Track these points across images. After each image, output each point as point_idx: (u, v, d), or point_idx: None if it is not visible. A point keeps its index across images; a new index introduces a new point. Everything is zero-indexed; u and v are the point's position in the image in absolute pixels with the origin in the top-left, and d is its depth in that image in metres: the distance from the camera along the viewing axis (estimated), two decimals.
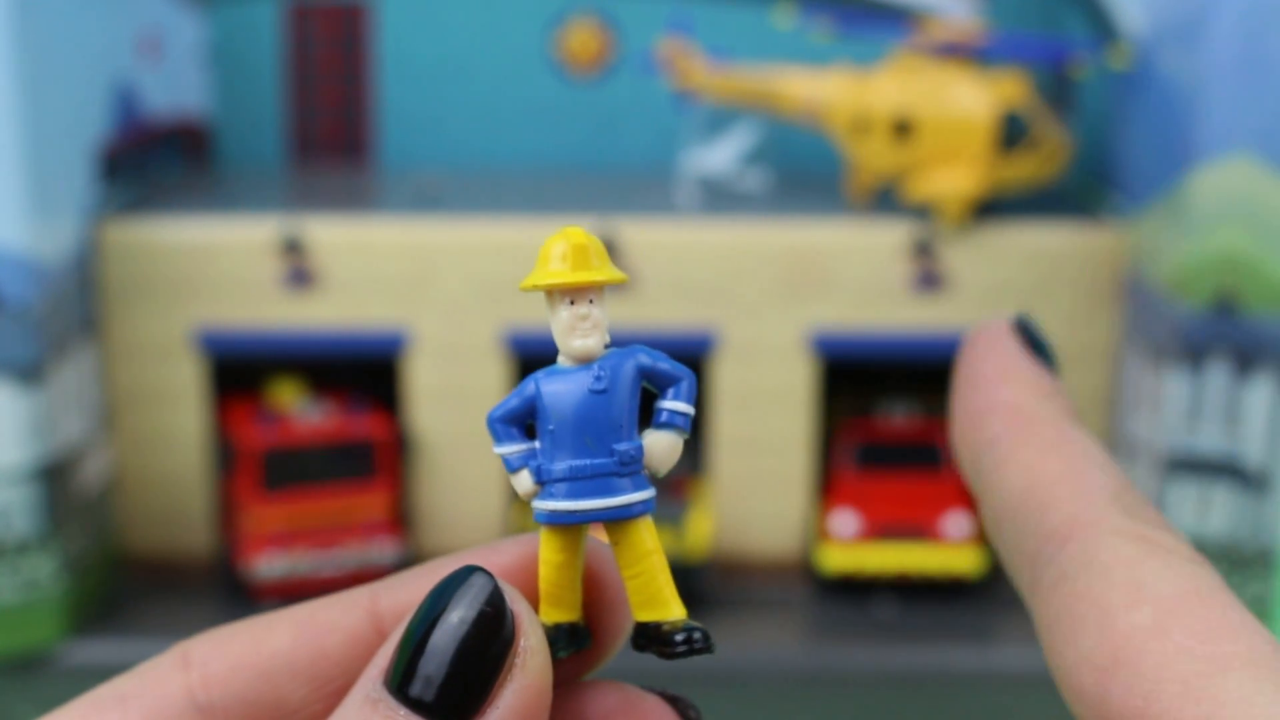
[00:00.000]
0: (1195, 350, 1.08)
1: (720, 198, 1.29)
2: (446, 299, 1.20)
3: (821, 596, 1.22)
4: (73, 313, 1.14)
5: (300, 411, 1.20)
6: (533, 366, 0.34)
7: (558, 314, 0.33)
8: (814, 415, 1.22)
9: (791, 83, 1.28)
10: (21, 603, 1.10)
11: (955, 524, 1.20)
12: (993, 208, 1.22)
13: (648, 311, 1.19)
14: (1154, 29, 1.16)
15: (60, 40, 1.10)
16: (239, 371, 1.24)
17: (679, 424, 0.34)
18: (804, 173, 1.36)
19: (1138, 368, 1.16)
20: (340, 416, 1.20)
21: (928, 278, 1.20)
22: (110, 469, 1.21)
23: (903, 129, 1.22)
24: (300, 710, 0.33)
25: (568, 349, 0.33)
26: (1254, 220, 1.04)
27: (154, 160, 1.34)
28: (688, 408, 0.34)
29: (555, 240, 0.33)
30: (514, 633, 0.30)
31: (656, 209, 1.25)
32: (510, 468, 0.33)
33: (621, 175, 1.41)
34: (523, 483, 0.33)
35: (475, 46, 1.45)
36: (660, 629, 0.33)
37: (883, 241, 1.19)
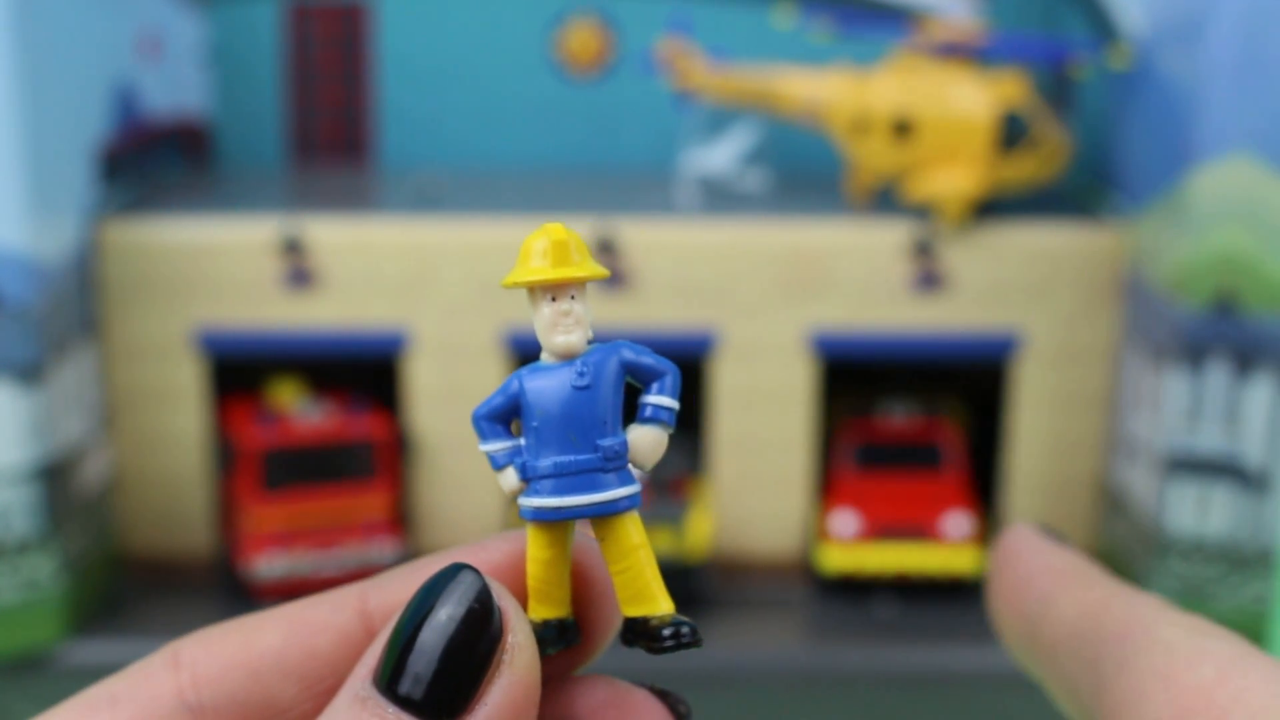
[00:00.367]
0: (1195, 350, 1.08)
1: (720, 198, 1.29)
2: (446, 299, 1.20)
3: (821, 596, 1.22)
4: (73, 313, 1.14)
5: (300, 411, 1.20)
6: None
7: (540, 311, 0.33)
8: (814, 415, 1.22)
9: (791, 83, 1.28)
10: (21, 603, 1.10)
11: (955, 524, 1.20)
12: (993, 208, 1.22)
13: (648, 311, 1.19)
14: (1154, 29, 1.16)
15: (60, 40, 1.10)
16: (239, 371, 1.24)
17: (663, 419, 0.34)
18: (804, 173, 1.36)
19: (1138, 368, 1.16)
20: (340, 416, 1.20)
21: (928, 278, 1.20)
22: (110, 469, 1.21)
23: (903, 129, 1.22)
24: (290, 709, 0.33)
25: (550, 345, 0.33)
26: (1254, 220, 1.04)
27: (154, 160, 1.34)
28: (672, 402, 0.34)
29: (536, 237, 0.33)
30: (502, 629, 0.30)
31: (656, 209, 1.25)
32: (495, 465, 0.33)
33: (621, 175, 1.41)
34: (508, 480, 0.33)
35: (475, 46, 1.45)
36: (648, 624, 0.33)
37: (883, 241, 1.19)
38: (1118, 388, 1.20)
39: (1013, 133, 1.21)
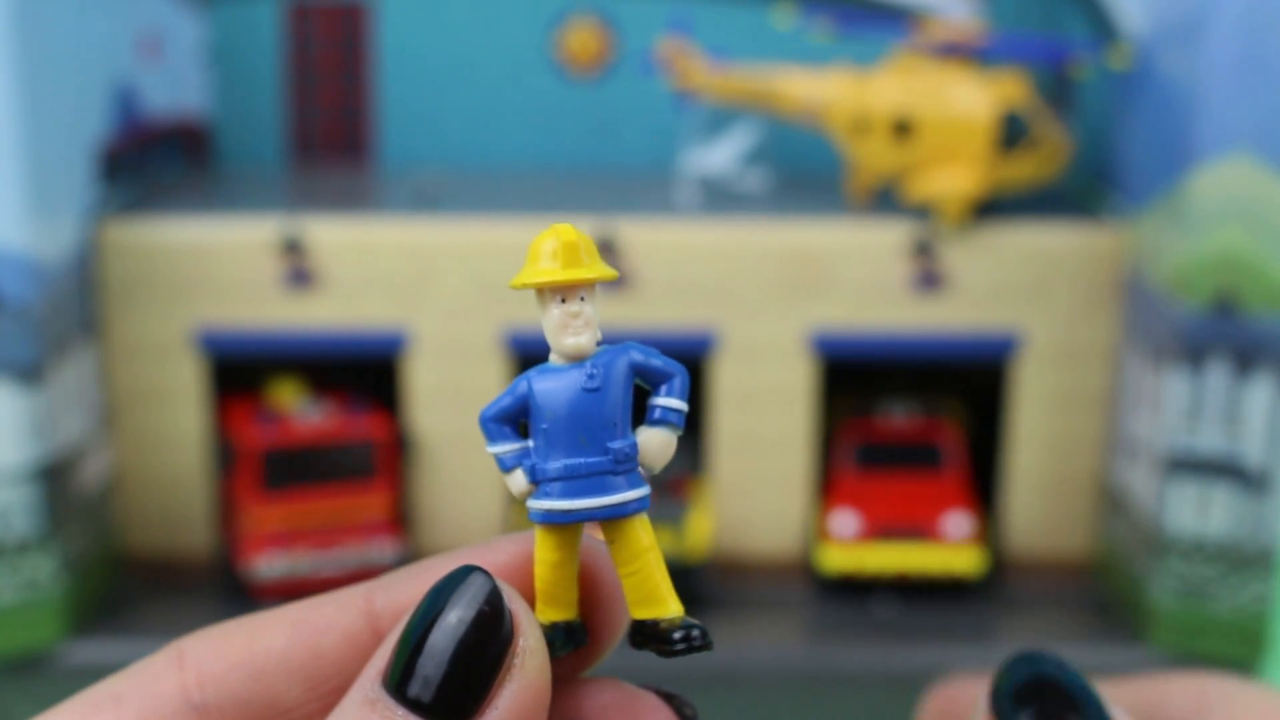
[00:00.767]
0: (1195, 350, 1.08)
1: (720, 198, 1.29)
2: (446, 299, 1.19)
3: (821, 596, 1.22)
4: (73, 313, 1.14)
5: (300, 411, 1.20)
6: (532, 366, 0.34)
7: (549, 312, 0.33)
8: (814, 415, 1.22)
9: (791, 83, 1.28)
10: (21, 603, 1.10)
11: (955, 524, 1.20)
12: (993, 208, 1.22)
13: (648, 311, 1.19)
14: (1154, 29, 1.16)
15: (60, 40, 1.10)
16: (239, 371, 1.24)
17: (673, 420, 0.33)
18: (804, 173, 1.36)
19: (1138, 368, 1.16)
20: (340, 416, 1.20)
21: (928, 278, 1.20)
22: (110, 469, 1.20)
23: (903, 129, 1.22)
24: (295, 709, 0.33)
25: (560, 347, 0.33)
26: (1254, 220, 1.04)
27: (154, 160, 1.33)
28: (681, 404, 0.33)
29: (545, 238, 0.33)
30: (512, 633, 0.30)
31: (656, 209, 1.25)
32: (504, 467, 0.33)
33: (621, 175, 1.41)
34: (517, 482, 0.33)
35: (475, 46, 1.45)
36: (658, 626, 0.33)
37: (883, 241, 1.19)
38: (1118, 388, 1.20)
39: (1013, 133, 1.21)
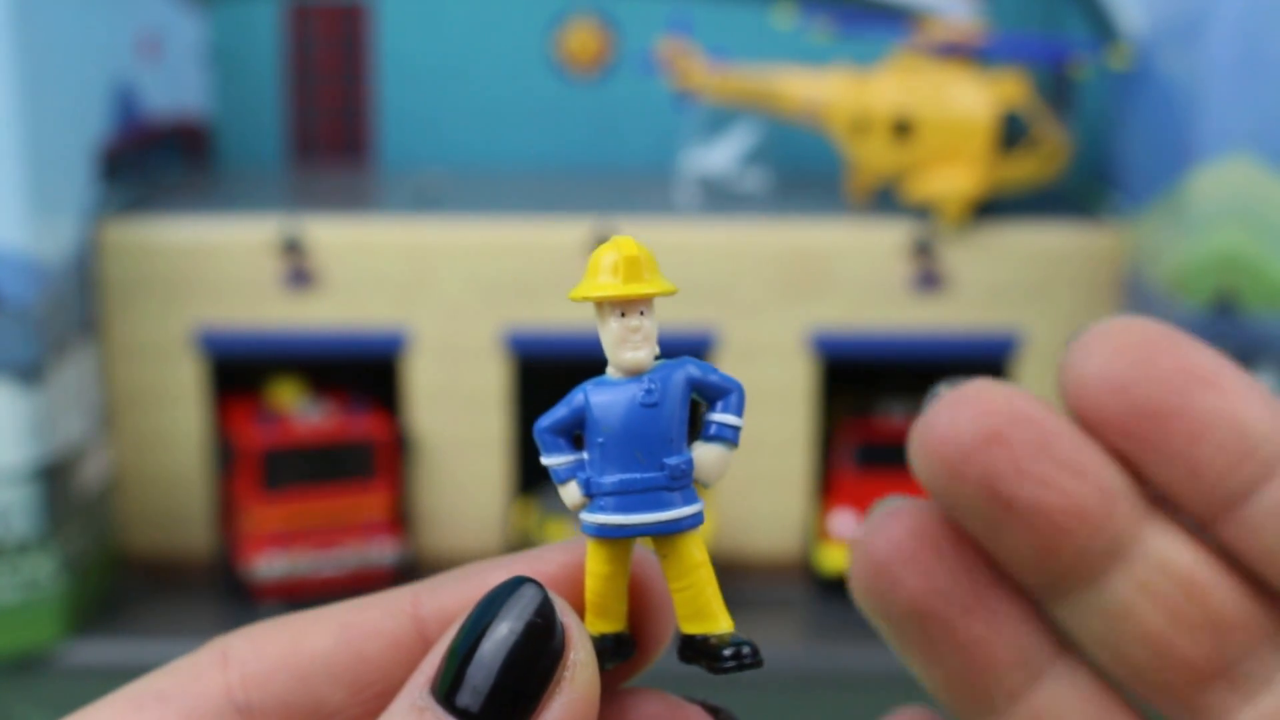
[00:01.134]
0: None
1: (720, 198, 1.29)
2: (446, 299, 1.19)
3: (821, 596, 1.22)
4: (73, 313, 1.14)
5: (300, 411, 1.20)
6: (532, 367, 0.34)
7: (607, 325, 0.32)
8: (814, 415, 1.22)
9: (791, 83, 1.28)
10: (21, 603, 1.10)
11: None
12: (993, 208, 1.22)
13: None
14: (1154, 29, 1.16)
15: (60, 40, 1.10)
16: (239, 371, 1.24)
17: (729, 437, 0.33)
18: (804, 173, 1.36)
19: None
20: (340, 416, 1.20)
21: (928, 278, 1.20)
22: (110, 469, 1.20)
23: (903, 129, 1.22)
24: (338, 714, 0.32)
25: (618, 361, 0.32)
26: (1253, 220, 1.04)
27: (154, 160, 1.33)
28: (738, 420, 0.33)
29: (606, 250, 0.32)
30: (564, 645, 0.30)
31: (656, 209, 1.25)
32: (558, 479, 0.33)
33: (621, 175, 1.41)
34: (571, 494, 0.33)
35: (475, 46, 1.45)
36: (708, 642, 0.33)
37: (883, 241, 1.19)
38: None
39: (1013, 133, 1.21)
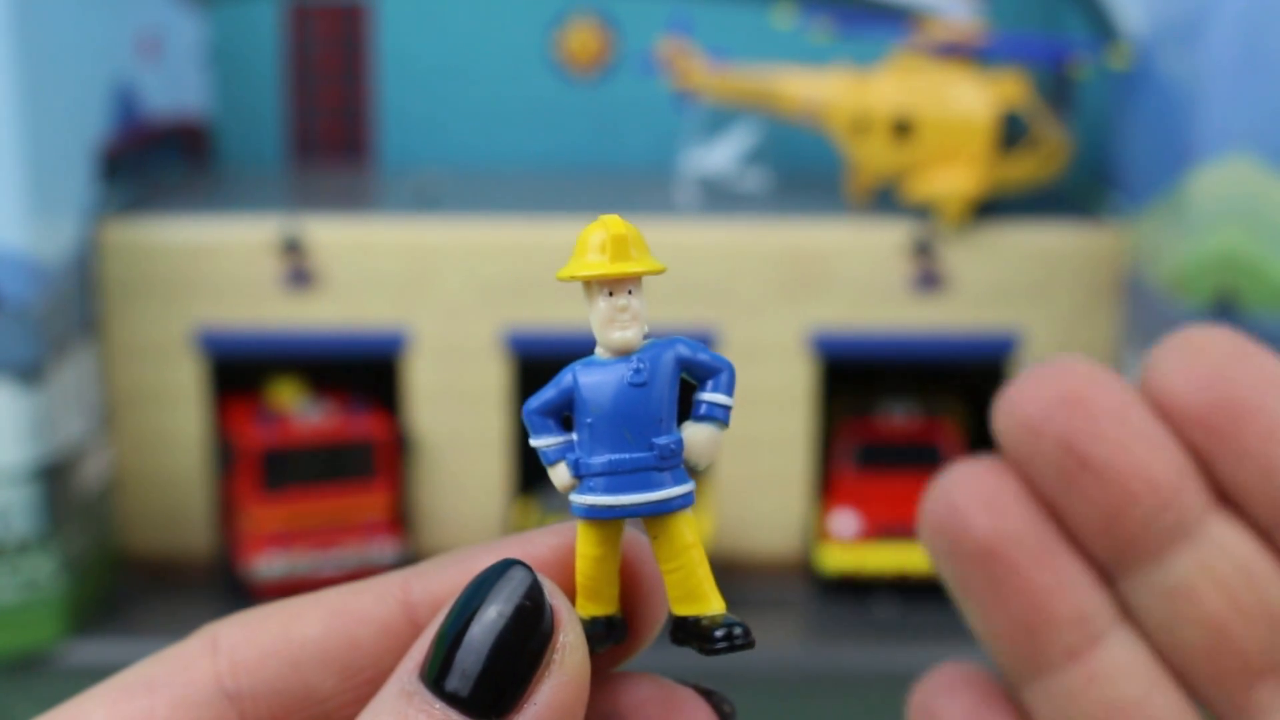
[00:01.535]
0: None
1: (720, 198, 1.29)
2: (446, 299, 1.19)
3: (821, 596, 1.22)
4: (73, 313, 1.14)
5: (300, 411, 1.20)
6: (532, 367, 0.34)
7: (595, 305, 0.32)
8: (814, 415, 1.22)
9: (791, 83, 1.28)
10: (21, 603, 1.09)
11: None
12: (993, 208, 1.22)
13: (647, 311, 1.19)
14: (1154, 29, 1.16)
15: (60, 40, 1.10)
16: (239, 371, 1.24)
17: (719, 416, 0.33)
18: (804, 173, 1.36)
19: (1138, 368, 1.16)
20: (340, 416, 1.20)
21: (928, 277, 1.20)
22: (110, 469, 1.20)
23: (903, 129, 1.22)
24: (329, 700, 0.32)
25: (606, 341, 0.32)
26: (1254, 220, 1.04)
27: (154, 160, 1.33)
28: (728, 399, 0.33)
29: (593, 229, 0.32)
30: (553, 628, 0.30)
31: (656, 209, 1.25)
32: (547, 460, 0.32)
33: (621, 175, 1.41)
34: (560, 476, 0.32)
35: (475, 46, 1.45)
36: (699, 624, 0.32)
37: (883, 241, 1.19)
38: None
39: (1013, 133, 1.21)
